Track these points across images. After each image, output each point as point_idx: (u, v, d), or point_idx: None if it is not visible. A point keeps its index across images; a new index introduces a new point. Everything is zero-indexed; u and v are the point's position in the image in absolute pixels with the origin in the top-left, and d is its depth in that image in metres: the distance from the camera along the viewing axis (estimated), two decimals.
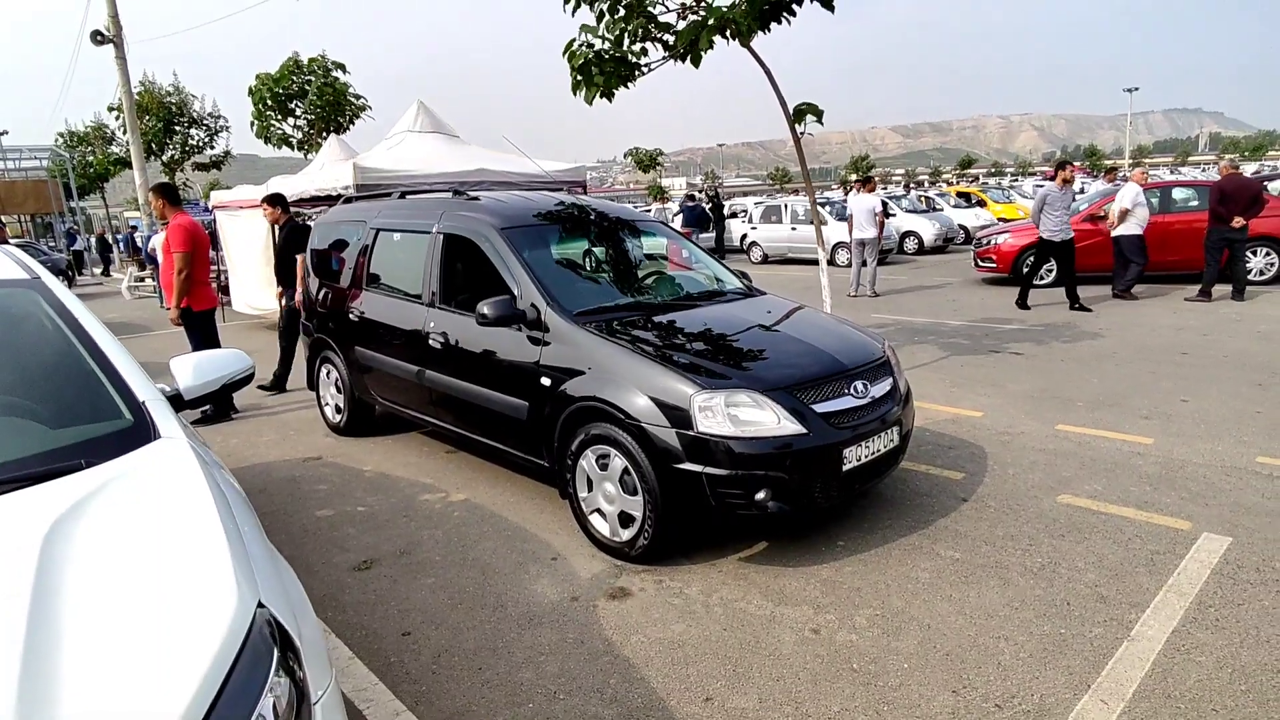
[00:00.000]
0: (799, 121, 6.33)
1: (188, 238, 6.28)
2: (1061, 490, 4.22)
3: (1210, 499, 4.01)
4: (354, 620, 3.27)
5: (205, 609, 1.44)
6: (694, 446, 3.31)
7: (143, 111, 22.05)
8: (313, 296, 6.14)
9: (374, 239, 5.49)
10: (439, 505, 4.47)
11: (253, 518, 1.96)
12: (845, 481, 3.54)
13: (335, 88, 19.61)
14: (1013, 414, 5.62)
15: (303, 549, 4.00)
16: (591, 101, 6.20)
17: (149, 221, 17.92)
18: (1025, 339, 8.20)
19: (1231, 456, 4.58)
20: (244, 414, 6.78)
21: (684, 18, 5.95)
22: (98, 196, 37.54)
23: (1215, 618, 2.95)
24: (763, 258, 19.49)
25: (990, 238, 13.14)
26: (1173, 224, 11.37)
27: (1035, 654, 2.78)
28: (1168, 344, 7.62)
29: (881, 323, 9.64)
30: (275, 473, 5.24)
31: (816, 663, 2.80)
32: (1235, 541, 3.53)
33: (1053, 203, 9.93)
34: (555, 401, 3.83)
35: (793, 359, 3.76)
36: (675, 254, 5.53)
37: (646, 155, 70.25)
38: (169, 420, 2.13)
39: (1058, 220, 9.92)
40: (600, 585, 3.44)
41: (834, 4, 5.79)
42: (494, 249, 4.38)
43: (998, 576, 3.35)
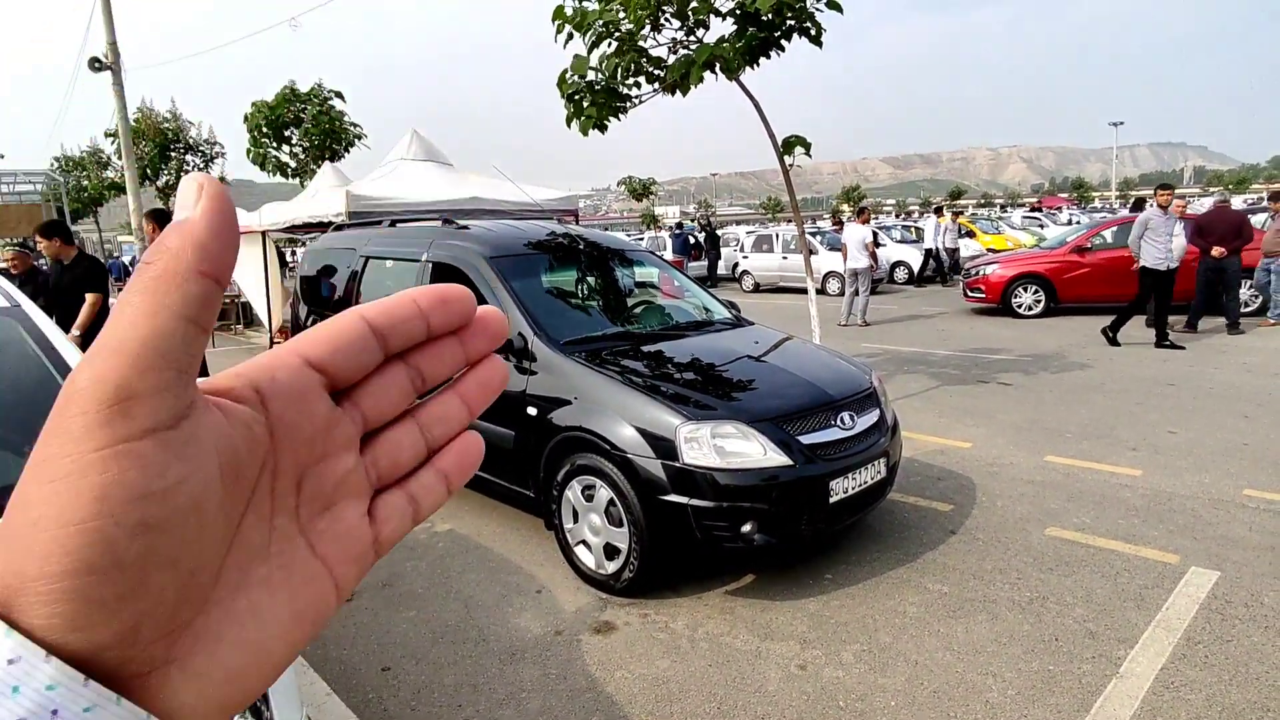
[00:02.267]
0: (788, 153, 6.40)
1: None
2: (1050, 523, 4.21)
3: (1198, 532, 4.00)
4: (333, 654, 3.21)
5: None
6: (680, 478, 3.29)
7: (139, 137, 22.14)
8: (301, 323, 6.12)
9: (364, 267, 5.49)
10: (423, 536, 4.42)
11: None
12: (832, 513, 3.51)
13: (331, 116, 19.76)
14: (1001, 445, 5.62)
15: None
16: (586, 132, 6.27)
17: (141, 246, 17.91)
18: (1014, 369, 8.23)
19: (1219, 489, 4.59)
20: None
21: (674, 52, 6.05)
22: (91, 221, 37.55)
23: (1204, 654, 2.92)
24: (754, 286, 19.59)
25: (979, 268, 13.26)
26: None
27: (1024, 691, 2.75)
28: (1155, 375, 7.66)
29: (871, 352, 9.67)
30: None
31: (803, 700, 2.76)
32: (1223, 576, 3.52)
33: (1155, 229, 9.06)
34: (541, 431, 3.81)
35: (780, 390, 3.75)
36: (664, 284, 5.55)
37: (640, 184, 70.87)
38: None
39: (1161, 248, 9.04)
40: (585, 619, 3.40)
41: (822, 40, 5.90)
42: (482, 278, 4.38)
43: (986, 611, 3.32)
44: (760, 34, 5.80)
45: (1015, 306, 12.42)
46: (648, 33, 5.90)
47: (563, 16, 5.85)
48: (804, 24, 5.77)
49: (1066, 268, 12.13)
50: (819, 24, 5.79)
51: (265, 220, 10.73)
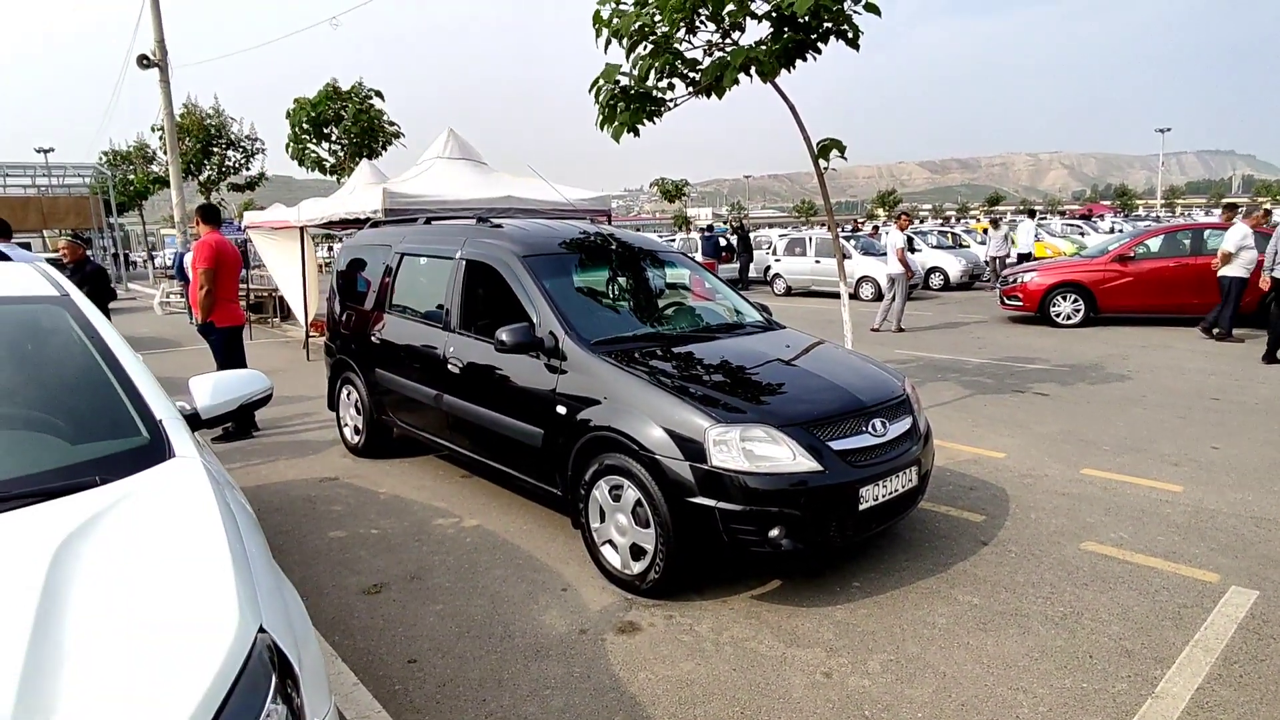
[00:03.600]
0: (823, 157, 6.35)
1: (211, 254, 6.44)
2: (1086, 537, 4.12)
3: (1239, 551, 3.88)
4: (361, 645, 3.26)
5: (206, 632, 1.43)
6: (707, 480, 3.28)
7: (183, 133, 22.70)
8: (336, 318, 6.22)
9: (399, 263, 5.57)
10: (451, 530, 4.46)
11: (261, 540, 1.96)
12: (861, 521, 3.48)
13: (370, 114, 20.06)
14: (1036, 456, 5.51)
15: (314, 570, 4.01)
16: (619, 138, 6.28)
17: (183, 239, 18.36)
18: (1050, 379, 8.07)
19: (1262, 507, 4.45)
20: (265, 432, 6.85)
21: (709, 55, 6.03)
22: (136, 214, 38.59)
23: (1240, 675, 2.84)
24: (786, 290, 19.47)
25: (1017, 275, 13.02)
26: (1204, 267, 11.19)
27: (1055, 708, 2.69)
28: (1197, 388, 7.45)
29: (904, 359, 9.55)
30: (292, 492, 5.27)
31: (827, 708, 2.73)
32: (1262, 595, 3.41)
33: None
34: (570, 430, 3.83)
35: (810, 394, 3.72)
36: (695, 285, 5.54)
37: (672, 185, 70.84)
38: (184, 439, 2.16)
39: None
40: (610, 619, 3.40)
41: (859, 43, 5.84)
42: (515, 276, 4.41)
43: (1017, 625, 3.26)
44: (796, 36, 5.76)
45: (1054, 316, 12.18)
46: (683, 35, 5.90)
47: (601, 20, 5.87)
48: (840, 26, 5.71)
49: (1108, 277, 11.86)
50: (856, 26, 5.73)
51: (303, 216, 10.93)
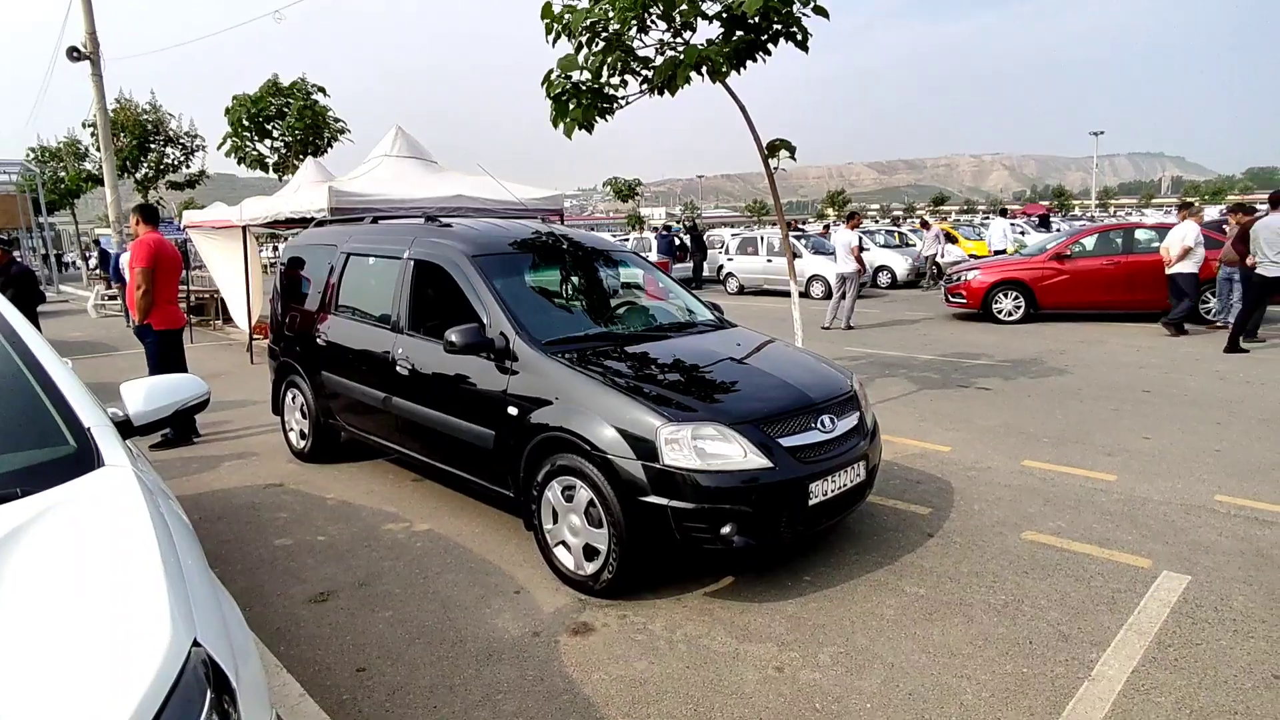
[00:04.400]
0: (773, 156, 6.43)
1: (149, 255, 6.21)
2: (1026, 526, 4.25)
3: (1170, 537, 4.06)
4: (307, 655, 3.17)
5: (136, 647, 1.38)
6: (660, 479, 3.28)
7: (118, 128, 21.83)
8: (280, 320, 6.06)
9: (344, 263, 5.44)
10: (401, 535, 4.38)
11: (196, 550, 1.89)
12: (812, 516, 3.53)
13: (315, 110, 19.59)
14: (980, 449, 5.67)
15: (258, 579, 3.89)
16: (571, 134, 6.25)
17: (119, 239, 17.66)
18: (993, 374, 8.32)
19: (1191, 494, 4.65)
20: (207, 438, 6.63)
21: (661, 53, 6.05)
22: (68, 212, 36.98)
23: (1174, 657, 2.96)
24: (739, 289, 19.66)
25: (961, 274, 13.39)
26: (1135, 264, 11.68)
27: (997, 694, 2.77)
28: (1130, 381, 7.77)
29: (854, 356, 9.73)
30: (235, 499, 5.11)
31: (779, 702, 2.76)
32: (1194, 580, 3.57)
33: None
34: (522, 431, 3.79)
35: (761, 392, 3.76)
36: (648, 284, 5.55)
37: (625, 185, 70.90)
38: (114, 447, 2.07)
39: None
40: (563, 620, 3.38)
41: (808, 45, 5.92)
42: (464, 276, 4.36)
43: (962, 614, 3.34)
44: (747, 37, 5.82)
45: (996, 312, 12.56)
46: (635, 33, 5.90)
47: (551, 15, 5.83)
48: (790, 28, 5.79)
49: (1046, 275, 12.29)
50: (805, 29, 5.82)
51: (246, 215, 10.61)
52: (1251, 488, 4.73)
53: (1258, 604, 3.34)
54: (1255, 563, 3.73)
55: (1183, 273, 10.50)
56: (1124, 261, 11.80)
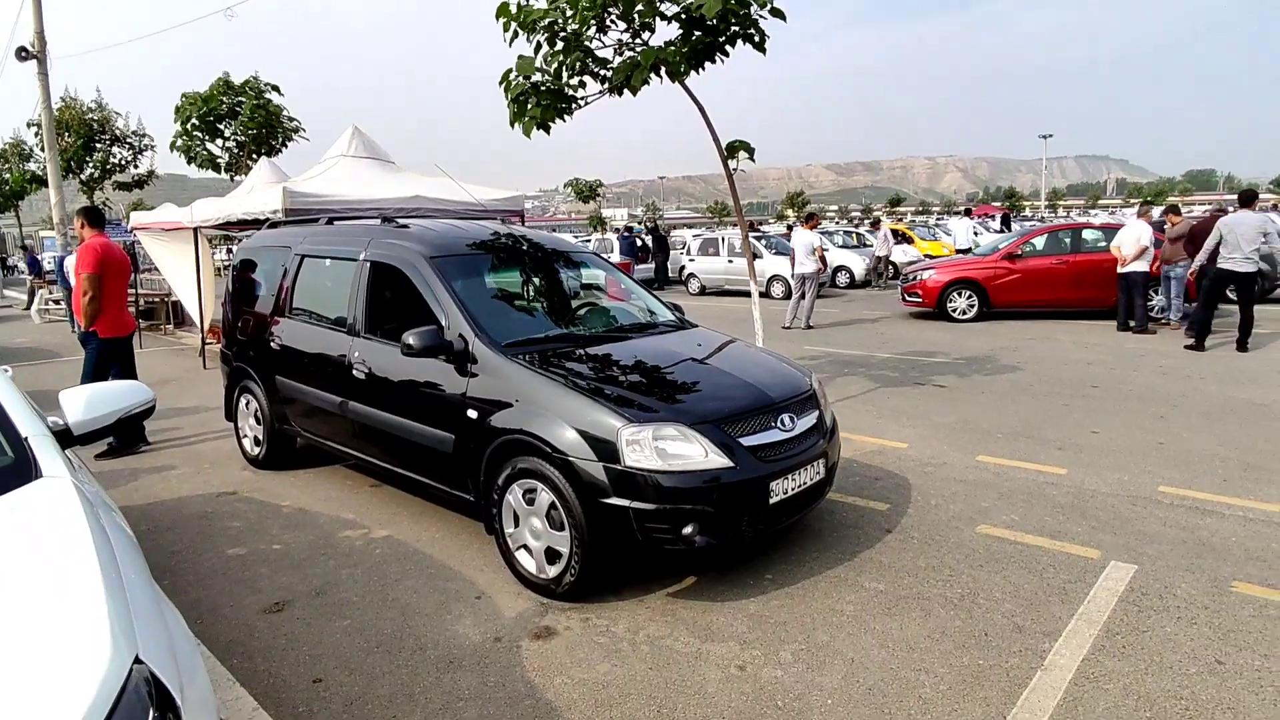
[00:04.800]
0: (732, 158, 6.47)
1: (96, 259, 6.01)
2: (981, 520, 4.34)
3: (1118, 528, 4.19)
4: (262, 667, 3.09)
5: (75, 665, 1.32)
6: (621, 481, 3.28)
7: (63, 128, 21.08)
8: (233, 323, 5.90)
9: (299, 265, 5.33)
10: (359, 542, 4.30)
11: (140, 563, 1.83)
12: (772, 514, 3.55)
13: (268, 110, 19.15)
14: (936, 445, 5.78)
15: (210, 591, 3.78)
16: (530, 134, 6.20)
17: (63, 242, 17.04)
18: (949, 372, 8.49)
19: (1137, 486, 4.81)
20: (156, 446, 6.43)
21: (620, 54, 6.05)
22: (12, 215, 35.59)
23: (1122, 645, 3.06)
24: (700, 289, 19.76)
25: (917, 273, 13.65)
26: (1083, 264, 12.04)
27: (955, 686, 2.82)
28: (1079, 377, 8.00)
29: (813, 355, 9.85)
30: (186, 509, 4.96)
31: (741, 700, 2.78)
32: (1140, 569, 3.69)
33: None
34: (482, 434, 3.75)
35: (721, 392, 3.78)
36: (609, 286, 5.54)
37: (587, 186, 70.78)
38: (53, 458, 1.99)
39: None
40: (525, 625, 3.35)
41: (765, 46, 5.97)
42: (422, 278, 4.29)
43: (920, 608, 3.40)
44: (705, 39, 5.85)
45: (951, 311, 12.83)
46: (593, 34, 5.89)
47: (508, 14, 5.78)
48: (748, 30, 5.83)
49: (998, 274, 12.59)
50: (762, 31, 5.86)
51: (197, 216, 10.33)
52: (1192, 478, 4.90)
53: (1200, 590, 3.46)
54: (1197, 551, 3.87)
55: (1136, 271, 10.76)
56: (1072, 261, 12.17)
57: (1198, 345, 9.28)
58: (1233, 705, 2.66)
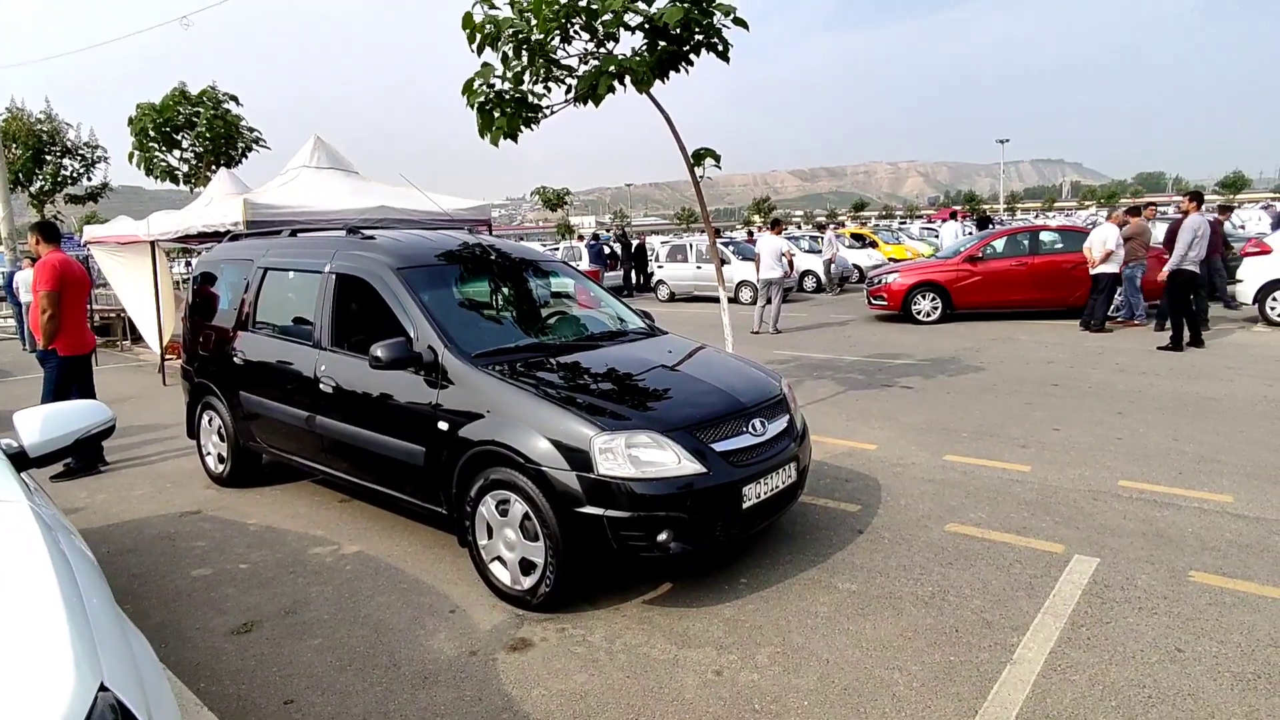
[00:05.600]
0: (698, 165, 6.52)
1: (55, 276, 5.85)
2: (949, 519, 4.42)
3: (1080, 522, 4.29)
4: (230, 690, 3.03)
5: (37, 694, 1.29)
6: (595, 489, 3.28)
7: (9, 139, 20.46)
8: (194, 339, 5.78)
9: (262, 279, 5.24)
10: (329, 559, 4.23)
11: (102, 587, 1.78)
12: (746, 519, 3.58)
13: (227, 120, 18.80)
14: (904, 446, 5.88)
15: (175, 613, 3.69)
16: (497, 143, 6.19)
17: (12, 257, 16.53)
18: (914, 373, 8.64)
19: (1097, 481, 4.94)
20: (115, 466, 6.26)
21: (585, 62, 6.07)
22: None
23: (1087, 637, 3.13)
24: (669, 296, 19.83)
25: (881, 277, 13.87)
26: (1042, 265, 12.35)
27: (927, 683, 2.87)
28: (1040, 376, 8.19)
29: (783, 359, 9.94)
30: (148, 529, 4.84)
31: (719, 705, 2.79)
32: (1102, 562, 3.78)
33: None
34: (453, 446, 3.73)
35: (693, 398, 3.80)
36: (579, 294, 5.54)
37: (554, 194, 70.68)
38: (7, 481, 1.93)
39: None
40: (501, 637, 3.33)
41: (729, 55, 6.04)
42: (389, 289, 4.25)
43: (892, 607, 3.45)
44: (669, 48, 5.90)
45: (915, 313, 13.05)
46: (558, 43, 5.90)
47: (473, 25, 5.77)
48: (711, 39, 5.89)
49: (960, 276, 12.85)
50: (726, 40, 5.93)
51: (154, 229, 10.09)
52: (1149, 472, 5.05)
53: (1159, 581, 3.57)
54: (1155, 542, 3.98)
55: (1105, 273, 10.93)
56: (1031, 262, 12.47)
57: (1174, 346, 9.42)
58: (1193, 692, 2.75)
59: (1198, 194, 10.06)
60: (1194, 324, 9.52)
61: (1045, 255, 12.48)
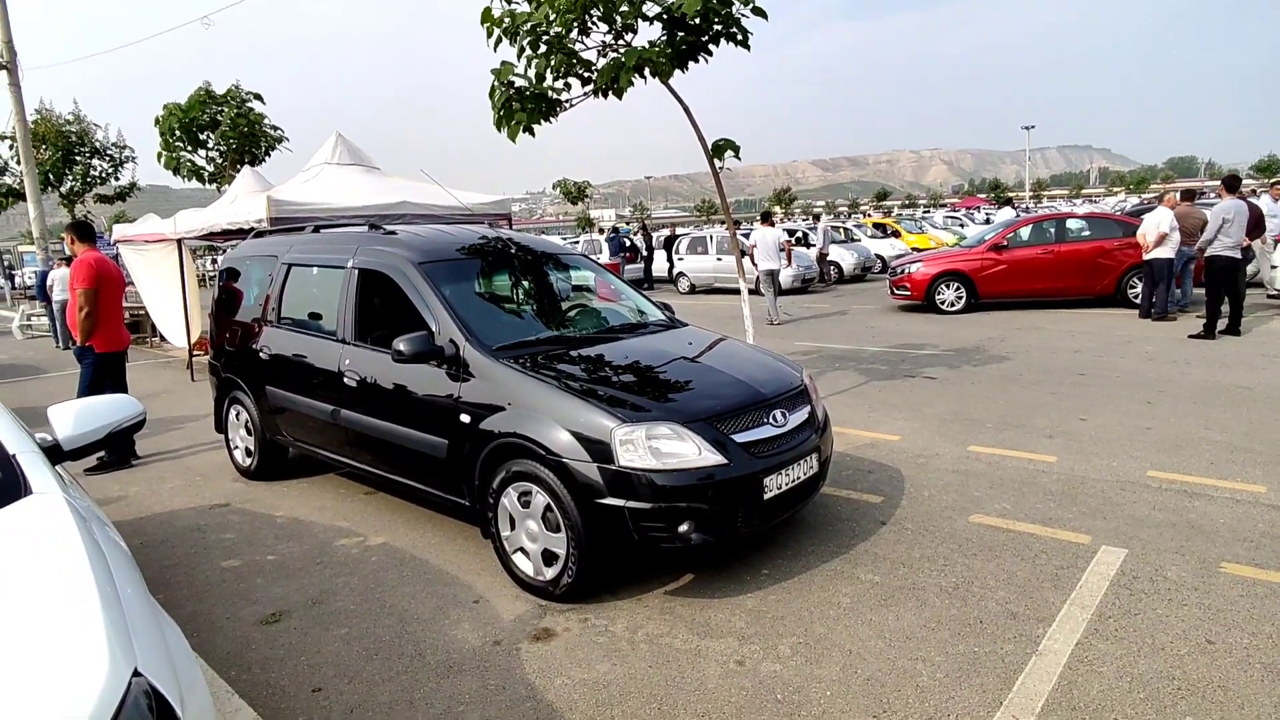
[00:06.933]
0: (718, 157, 6.49)
1: (91, 274, 5.98)
2: (973, 510, 4.38)
3: (1108, 513, 4.23)
4: (260, 678, 3.09)
5: (73, 679, 1.33)
6: (616, 481, 3.29)
7: (39, 140, 20.88)
8: (220, 334, 5.88)
9: (286, 274, 5.31)
10: (355, 550, 4.30)
11: (136, 576, 1.83)
12: (767, 510, 3.57)
13: (250, 118, 19.05)
14: (928, 437, 5.82)
15: (206, 603, 3.77)
16: (515, 138, 6.20)
17: (44, 257, 16.89)
18: (938, 364, 8.54)
19: (1126, 471, 4.86)
20: (147, 460, 6.38)
21: (604, 55, 6.05)
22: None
23: (1114, 628, 3.09)
24: (690, 288, 19.78)
25: (905, 266, 13.72)
26: (1068, 253, 12.14)
27: (951, 674, 2.85)
28: (1066, 365, 8.07)
29: (804, 350, 9.89)
30: (179, 522, 4.94)
31: (741, 695, 2.79)
32: (1130, 553, 3.73)
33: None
34: (475, 439, 3.76)
35: (714, 390, 3.79)
36: (599, 287, 5.55)
37: (575, 187, 70.69)
38: (43, 474, 1.98)
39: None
40: (524, 627, 3.36)
41: (749, 44, 6.00)
42: (411, 284, 4.29)
43: (915, 598, 3.43)
44: (688, 38, 5.87)
45: (939, 303, 12.91)
46: (576, 36, 5.89)
47: (491, 19, 5.78)
48: (730, 29, 5.85)
49: (985, 265, 12.67)
50: (745, 29, 5.89)
51: (181, 227, 10.26)
52: (1180, 462, 4.96)
53: (1190, 573, 3.51)
54: (1186, 533, 3.91)
55: (1160, 258, 10.52)
56: (1057, 250, 12.25)
57: (1208, 333, 9.17)
58: (1223, 684, 2.70)
59: (1233, 178, 9.80)
60: (1234, 311, 9.31)
61: (1072, 243, 12.26)
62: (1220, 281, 9.26)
